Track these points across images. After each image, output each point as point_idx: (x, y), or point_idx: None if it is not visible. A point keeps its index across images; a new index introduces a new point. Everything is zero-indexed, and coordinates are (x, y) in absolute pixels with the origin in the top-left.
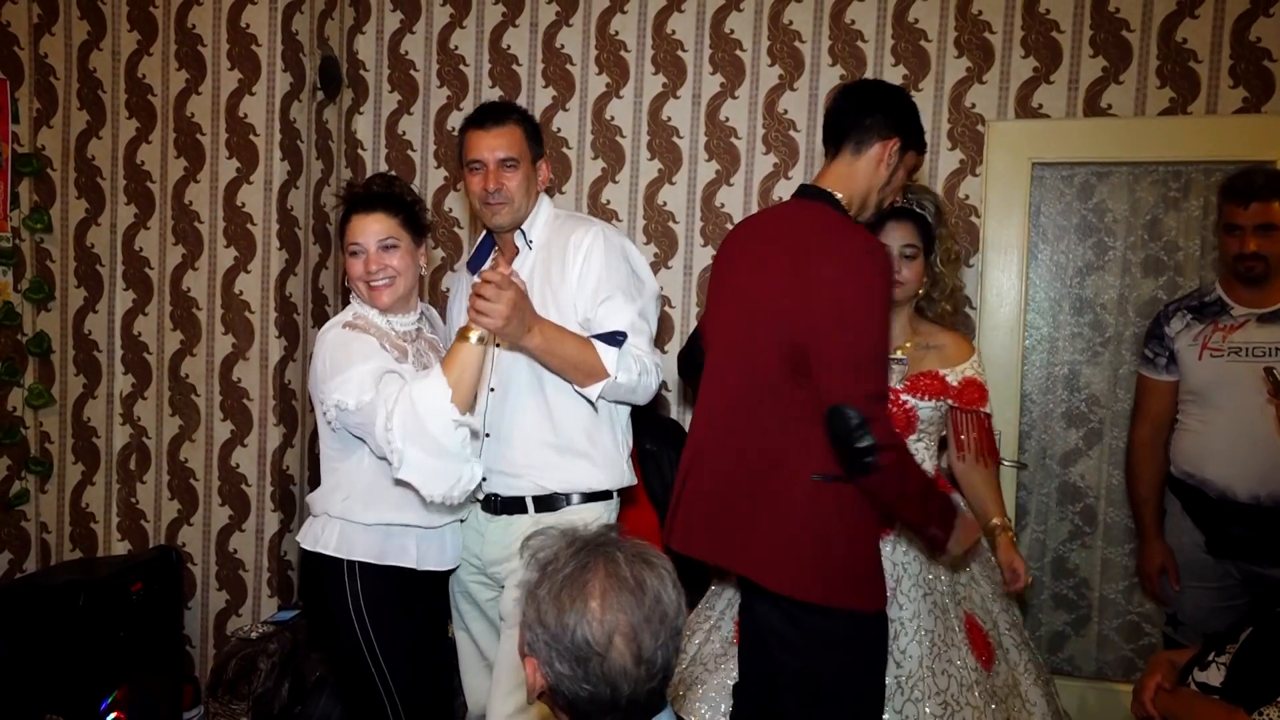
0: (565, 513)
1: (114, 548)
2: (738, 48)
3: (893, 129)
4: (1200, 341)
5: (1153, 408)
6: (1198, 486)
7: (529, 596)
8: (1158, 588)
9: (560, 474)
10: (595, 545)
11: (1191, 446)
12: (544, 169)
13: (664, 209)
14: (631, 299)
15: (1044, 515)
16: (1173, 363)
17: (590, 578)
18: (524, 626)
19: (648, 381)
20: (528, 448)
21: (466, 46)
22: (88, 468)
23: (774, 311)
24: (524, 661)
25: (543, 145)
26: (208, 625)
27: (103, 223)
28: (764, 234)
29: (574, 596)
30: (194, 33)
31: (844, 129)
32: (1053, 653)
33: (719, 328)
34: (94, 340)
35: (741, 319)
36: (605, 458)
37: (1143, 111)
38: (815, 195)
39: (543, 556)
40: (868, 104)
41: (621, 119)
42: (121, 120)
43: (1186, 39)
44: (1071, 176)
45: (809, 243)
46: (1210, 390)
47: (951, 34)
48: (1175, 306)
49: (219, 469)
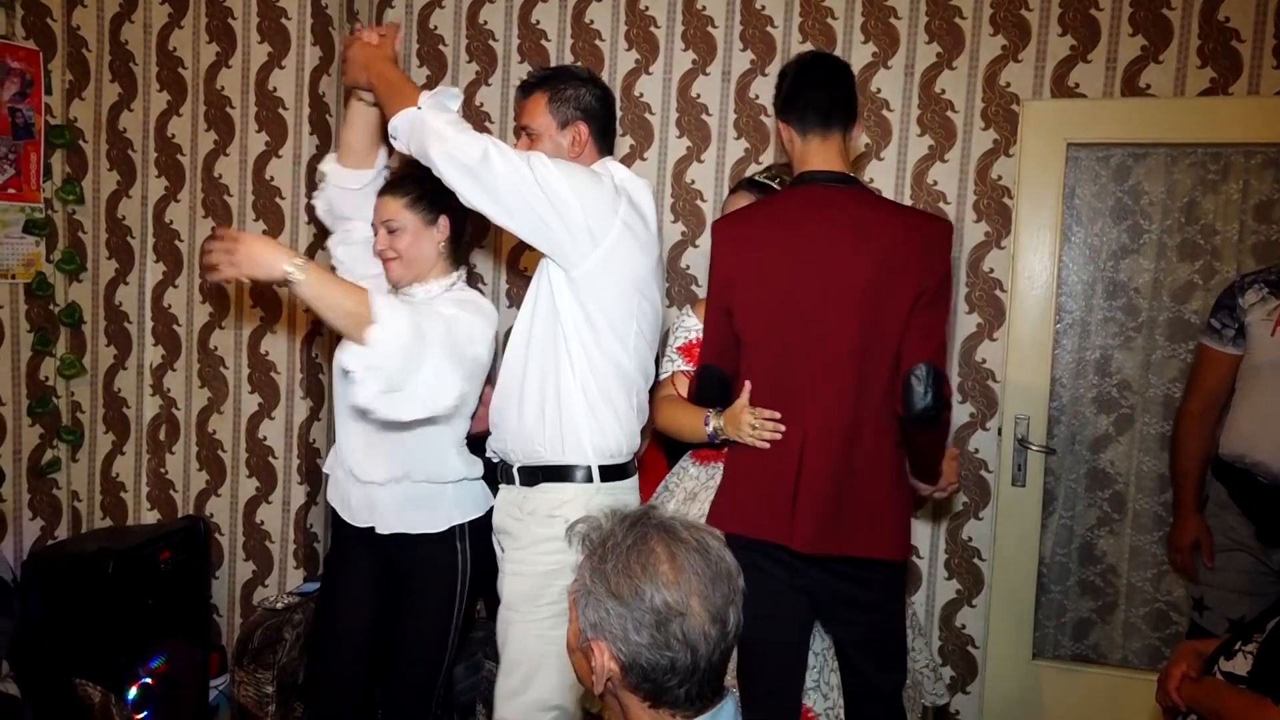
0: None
1: (144, 517)
2: (769, 24)
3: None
4: (1275, 316)
5: (1209, 380)
6: (1248, 469)
7: (592, 575)
8: (1188, 562)
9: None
10: (646, 518)
11: (1246, 426)
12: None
13: (692, 187)
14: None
15: (1072, 501)
16: (1240, 335)
17: (655, 545)
18: (586, 609)
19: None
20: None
21: (496, 21)
22: (118, 438)
23: (852, 292)
24: (585, 653)
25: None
26: (234, 595)
27: (134, 195)
28: (807, 222)
29: (644, 564)
30: (224, 6)
31: (852, 110)
32: (1078, 640)
33: (778, 315)
34: (124, 311)
35: (813, 304)
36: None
37: (1182, 92)
38: (847, 182)
39: (596, 536)
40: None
41: (651, 95)
42: (153, 93)
43: (1229, 18)
44: (1107, 158)
45: (878, 225)
46: (1275, 366)
47: (987, 11)
48: (1251, 278)
49: (246, 441)
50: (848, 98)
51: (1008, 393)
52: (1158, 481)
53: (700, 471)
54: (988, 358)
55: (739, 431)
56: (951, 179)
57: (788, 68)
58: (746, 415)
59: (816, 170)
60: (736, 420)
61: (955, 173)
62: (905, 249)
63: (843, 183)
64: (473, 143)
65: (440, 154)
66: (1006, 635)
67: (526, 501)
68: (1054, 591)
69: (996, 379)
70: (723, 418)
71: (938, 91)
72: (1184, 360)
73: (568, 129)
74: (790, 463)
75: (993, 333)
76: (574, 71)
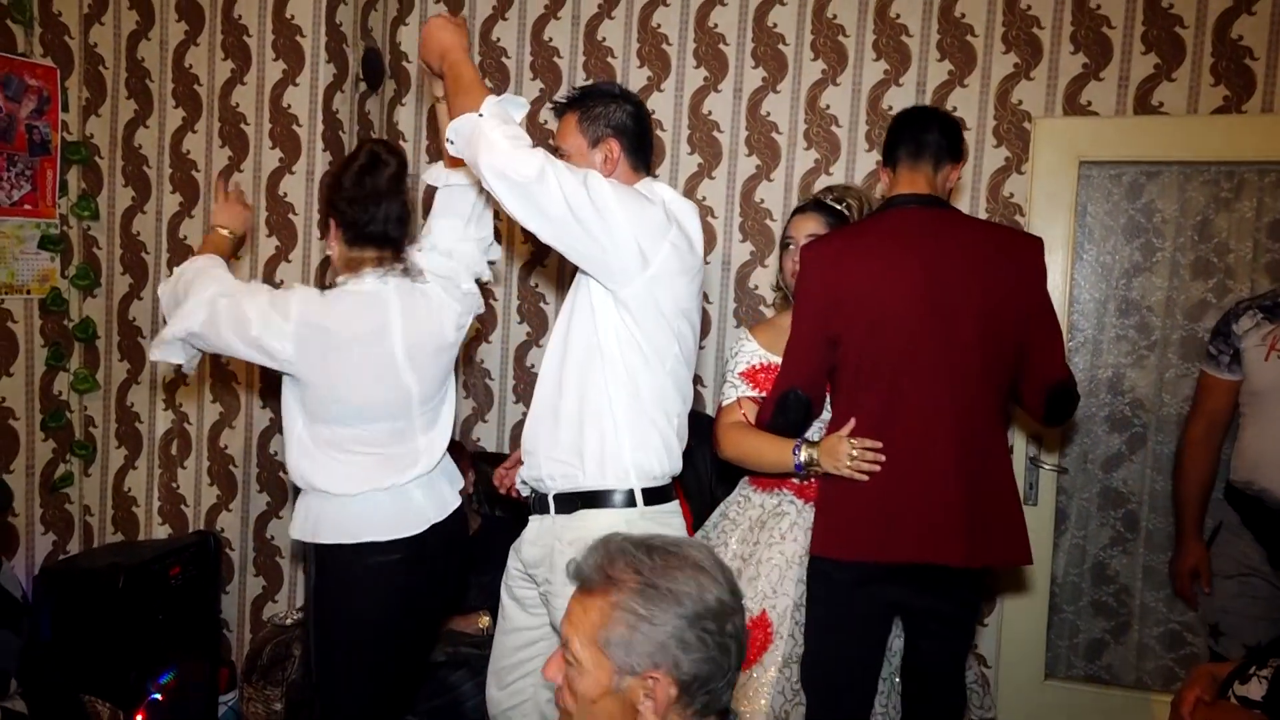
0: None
1: (155, 531)
2: (780, 42)
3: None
4: (1269, 342)
5: (1210, 406)
6: (1256, 496)
7: (636, 597)
8: (1188, 588)
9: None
10: (646, 541)
11: (1251, 453)
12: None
13: (703, 204)
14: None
15: (1085, 520)
16: (1236, 361)
17: (678, 559)
18: (635, 642)
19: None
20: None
21: (509, 39)
22: (130, 452)
23: (969, 311)
24: (627, 695)
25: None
26: (244, 610)
27: (149, 211)
28: (915, 244)
29: (684, 574)
30: (240, 23)
31: (943, 149)
32: (1091, 660)
33: (892, 337)
34: (138, 327)
35: (930, 326)
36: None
37: (1195, 110)
38: (938, 204)
39: (624, 562)
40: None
41: (663, 113)
42: (168, 110)
43: (1242, 36)
44: (1120, 176)
45: (983, 244)
46: (1274, 392)
47: (999, 29)
48: (1247, 305)
49: (258, 456)
50: (939, 139)
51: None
52: (1171, 501)
53: (765, 499)
54: None
55: (837, 463)
56: (964, 196)
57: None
58: (846, 445)
59: (905, 194)
60: (834, 451)
61: (968, 190)
62: (1011, 268)
63: (934, 205)
64: (528, 160)
65: (489, 167)
66: (1019, 655)
67: (566, 531)
68: (1066, 611)
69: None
70: (818, 449)
71: (950, 109)
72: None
73: (599, 147)
74: (920, 483)
75: None
76: (604, 89)
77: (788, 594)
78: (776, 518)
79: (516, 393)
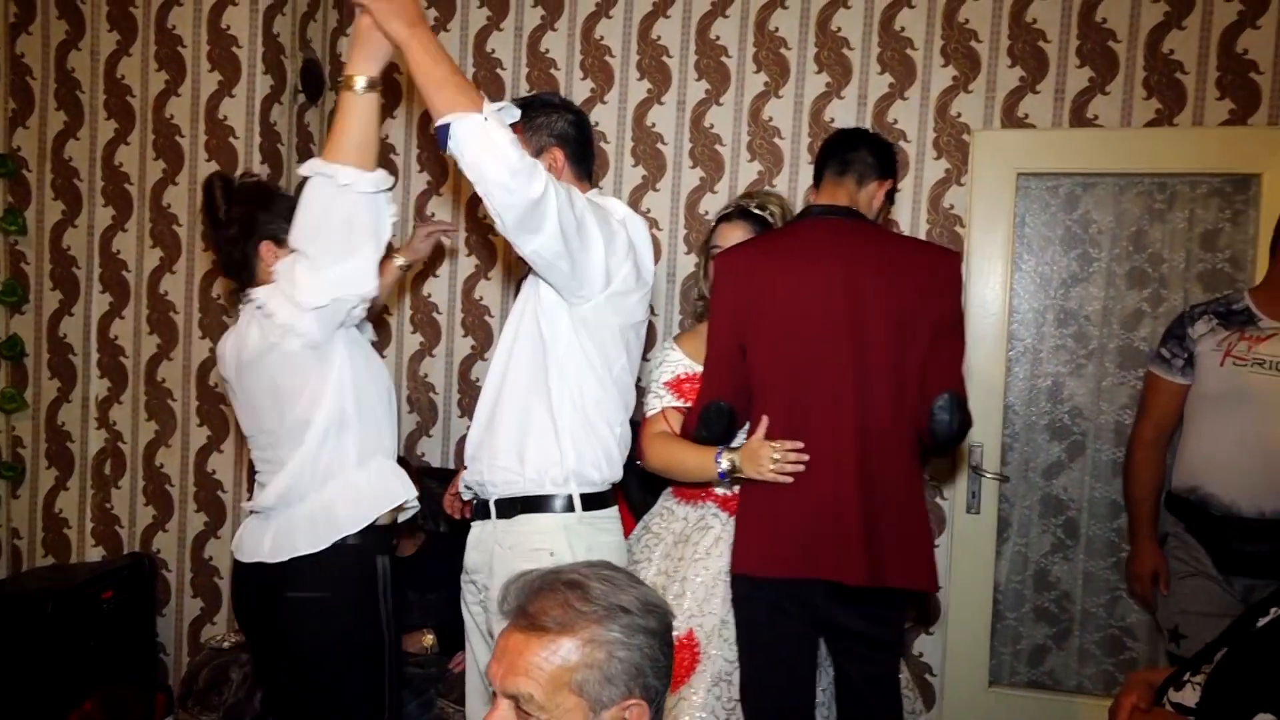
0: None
1: (88, 554)
2: (723, 54)
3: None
4: (1224, 348)
5: (1159, 409)
6: (1200, 503)
7: (614, 622)
8: (1149, 591)
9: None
10: (573, 570)
11: (1195, 458)
12: None
13: (648, 215)
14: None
15: (1026, 528)
16: (1190, 365)
17: (611, 576)
18: (612, 670)
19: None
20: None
21: (451, 50)
22: (61, 473)
23: (877, 323)
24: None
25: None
26: (182, 633)
27: (80, 225)
28: (826, 255)
29: (631, 589)
30: (174, 33)
31: (870, 167)
32: (1033, 666)
33: (800, 347)
34: (69, 344)
35: (837, 336)
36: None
37: (1129, 122)
38: (854, 216)
39: (573, 596)
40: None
41: (606, 125)
42: (100, 121)
43: (1173, 50)
44: (1057, 187)
45: (895, 257)
46: (1226, 398)
47: (938, 43)
48: (1201, 309)
49: (195, 475)
50: (864, 156)
51: None
52: (1110, 507)
53: (689, 512)
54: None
55: (759, 467)
56: (905, 208)
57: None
58: (767, 449)
59: (822, 204)
60: (755, 456)
61: (909, 202)
62: (923, 280)
63: (849, 216)
64: (534, 176)
65: (496, 178)
66: (963, 663)
67: (505, 536)
68: (1009, 618)
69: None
70: (739, 454)
71: (890, 121)
72: (1134, 387)
73: (543, 156)
74: (824, 498)
75: None
76: (545, 99)
77: (714, 612)
78: (701, 532)
79: (462, 406)
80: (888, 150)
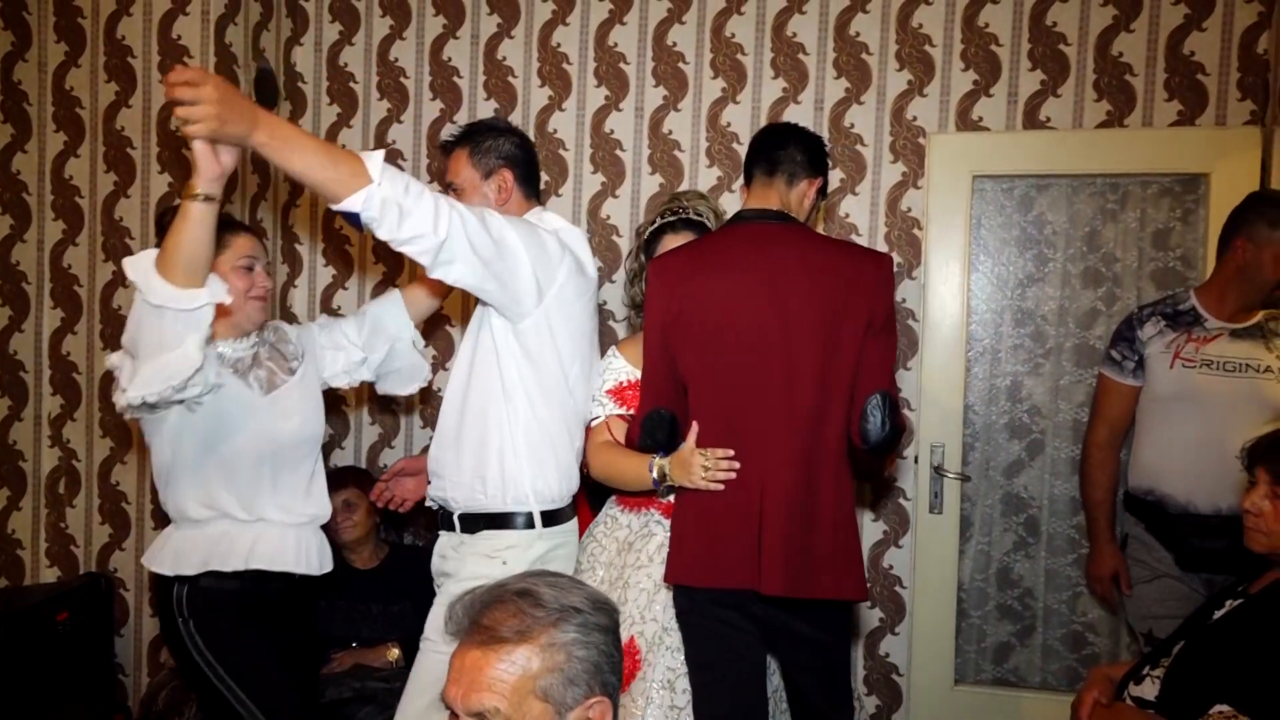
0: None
1: (43, 574)
2: (680, 60)
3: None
4: (1173, 350)
5: (1112, 411)
6: (1157, 503)
7: (569, 623)
8: (1109, 591)
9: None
10: (520, 581)
11: (1150, 459)
12: None
13: (607, 222)
14: None
15: (988, 526)
16: (1140, 368)
17: (557, 581)
18: (572, 670)
19: (425, 227)
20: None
21: (407, 58)
22: (13, 492)
23: (805, 327)
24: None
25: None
26: (141, 653)
27: (29, 239)
28: (754, 259)
29: (577, 589)
30: (123, 44)
31: (800, 166)
32: (998, 664)
33: (728, 353)
34: (20, 360)
35: (765, 342)
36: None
37: (1080, 124)
38: (784, 219)
39: (525, 603)
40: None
41: (565, 132)
42: (48, 133)
43: (1123, 53)
44: (1011, 189)
45: (824, 260)
46: (1177, 400)
47: (893, 47)
48: (1149, 311)
49: (152, 492)
50: (793, 154)
51: (923, 421)
52: (1070, 504)
53: (632, 519)
54: (903, 387)
55: (689, 475)
56: (863, 211)
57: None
58: (698, 457)
59: (752, 209)
60: (686, 464)
61: (866, 205)
62: (853, 283)
63: (779, 220)
64: (442, 216)
65: (412, 239)
66: (929, 662)
67: (464, 545)
68: (974, 616)
69: (912, 407)
70: (669, 461)
71: (847, 125)
72: (1090, 384)
73: (492, 178)
74: (751, 506)
75: (907, 362)
76: (491, 124)
77: (655, 619)
78: (644, 539)
79: (424, 416)
80: (818, 146)
